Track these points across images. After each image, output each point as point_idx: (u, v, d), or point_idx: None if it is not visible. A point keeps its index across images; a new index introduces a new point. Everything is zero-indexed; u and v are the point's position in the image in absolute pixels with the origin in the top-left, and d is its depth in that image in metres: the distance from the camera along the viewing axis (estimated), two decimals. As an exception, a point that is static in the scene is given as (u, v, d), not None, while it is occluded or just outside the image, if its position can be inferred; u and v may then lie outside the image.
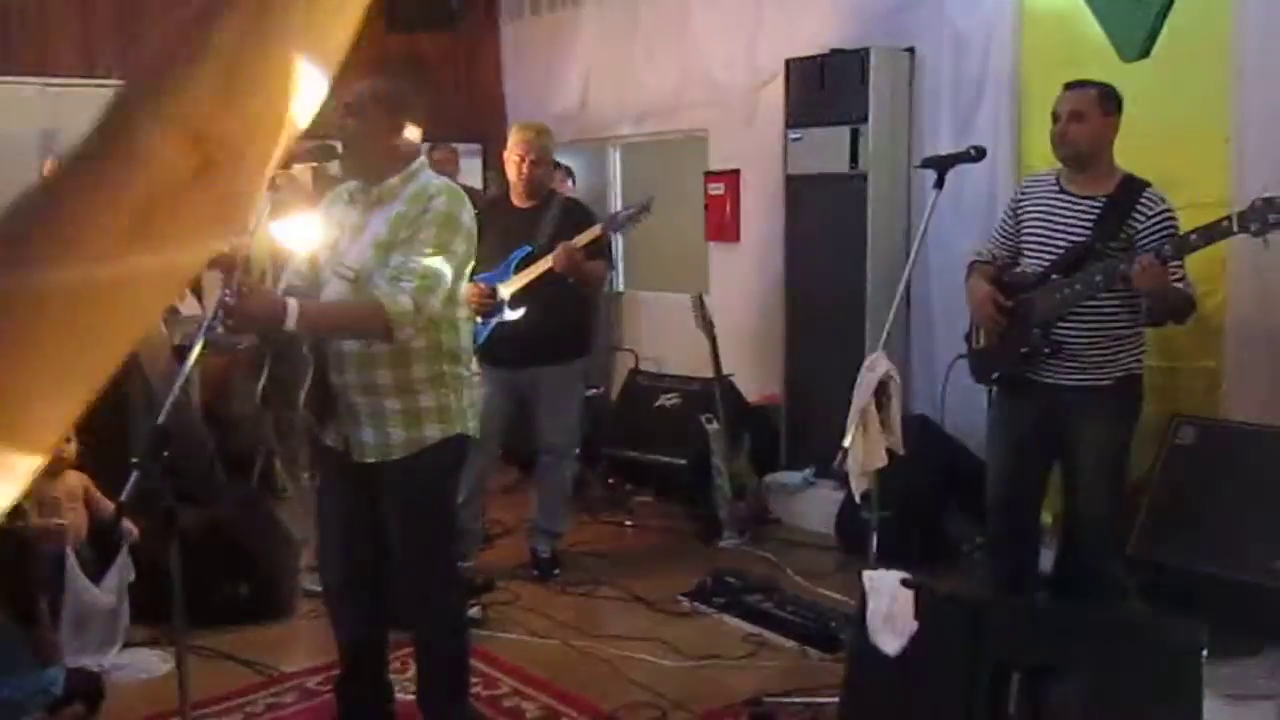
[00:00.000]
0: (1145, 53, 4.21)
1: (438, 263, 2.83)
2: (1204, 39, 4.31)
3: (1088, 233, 3.54)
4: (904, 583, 2.86)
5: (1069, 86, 3.62)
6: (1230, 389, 4.31)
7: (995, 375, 3.79)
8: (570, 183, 7.11)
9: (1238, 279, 4.26)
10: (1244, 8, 4.20)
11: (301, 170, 3.00)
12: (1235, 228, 3.16)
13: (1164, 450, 4.08)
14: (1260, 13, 4.16)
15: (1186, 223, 3.57)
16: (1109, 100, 3.56)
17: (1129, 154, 3.74)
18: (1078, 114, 3.54)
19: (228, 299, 2.60)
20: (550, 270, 4.44)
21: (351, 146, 2.93)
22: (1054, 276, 3.57)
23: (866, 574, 2.97)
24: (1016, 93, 4.97)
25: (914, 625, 2.82)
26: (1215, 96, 4.26)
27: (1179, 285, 3.45)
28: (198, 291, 5.49)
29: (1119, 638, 2.67)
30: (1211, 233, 3.25)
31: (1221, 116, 4.23)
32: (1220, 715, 3.17)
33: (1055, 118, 3.60)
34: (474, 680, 3.53)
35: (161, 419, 2.61)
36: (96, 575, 3.79)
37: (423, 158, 3.05)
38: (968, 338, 3.93)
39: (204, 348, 2.75)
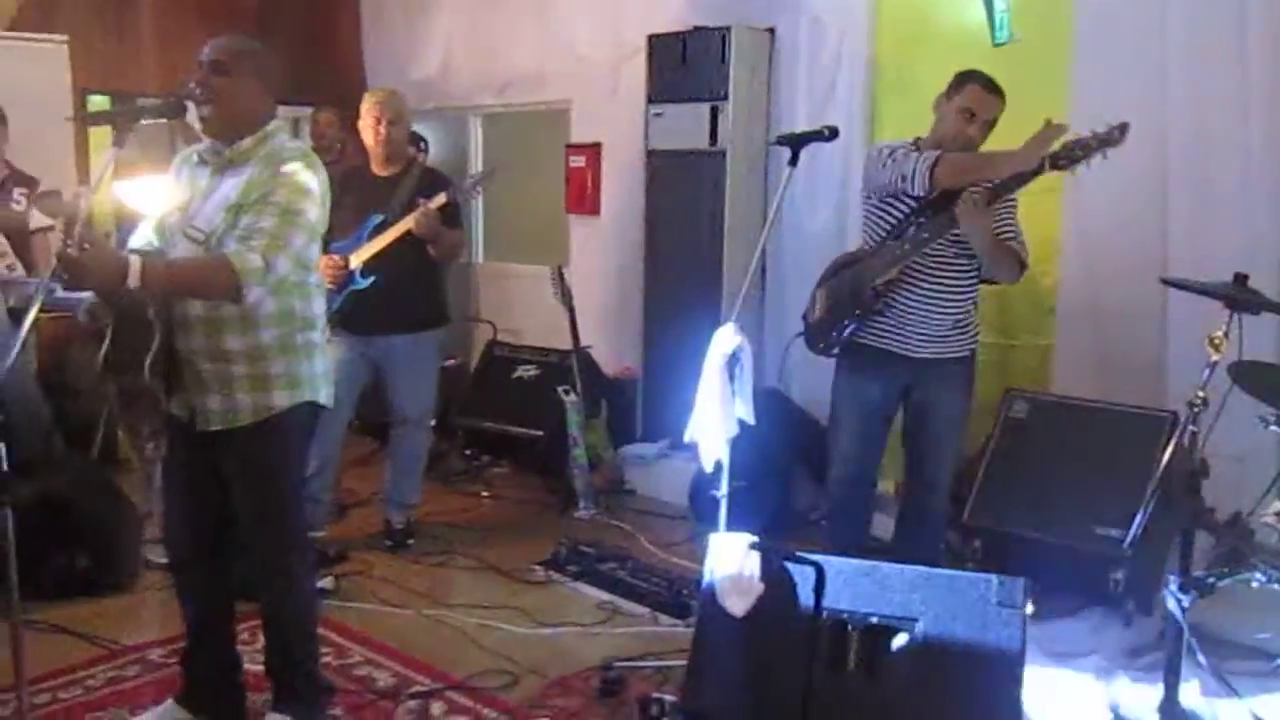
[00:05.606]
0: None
1: (288, 224, 2.78)
2: (1047, 28, 4.51)
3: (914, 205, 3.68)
4: (751, 546, 2.95)
5: (990, 90, 3.60)
6: (1060, 365, 4.56)
7: (836, 338, 3.81)
8: (423, 154, 7.00)
9: (1068, 262, 4.50)
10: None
11: (152, 126, 2.88)
12: (1048, 168, 3.34)
13: (998, 422, 4.28)
14: (1097, 4, 4.37)
15: (1026, 205, 3.74)
16: None
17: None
18: (991, 124, 3.62)
19: (68, 250, 2.50)
20: (401, 238, 4.42)
21: (217, 105, 2.86)
22: (888, 243, 3.70)
23: (714, 537, 3.06)
24: (871, 75, 5.12)
25: (760, 587, 2.92)
26: (1057, 81, 4.45)
27: (1012, 245, 3.65)
28: (28, 262, 5.22)
29: (948, 595, 2.82)
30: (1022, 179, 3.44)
31: (1061, 99, 4.43)
32: (1047, 670, 3.38)
33: (968, 114, 3.59)
34: (325, 650, 3.50)
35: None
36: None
37: (278, 120, 2.98)
38: (805, 314, 4.01)
39: (42, 309, 2.64)
